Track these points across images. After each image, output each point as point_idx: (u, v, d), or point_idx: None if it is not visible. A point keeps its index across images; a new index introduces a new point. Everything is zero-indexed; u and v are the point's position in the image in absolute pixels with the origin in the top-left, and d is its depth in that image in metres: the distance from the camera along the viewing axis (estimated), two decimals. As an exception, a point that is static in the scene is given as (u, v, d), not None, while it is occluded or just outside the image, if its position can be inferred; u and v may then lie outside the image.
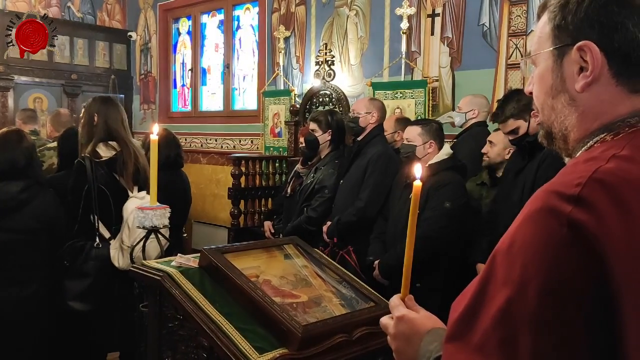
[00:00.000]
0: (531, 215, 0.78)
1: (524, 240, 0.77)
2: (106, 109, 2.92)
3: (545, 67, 0.92)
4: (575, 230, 0.72)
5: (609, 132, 0.86)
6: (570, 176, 0.79)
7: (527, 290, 0.74)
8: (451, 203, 3.08)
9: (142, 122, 7.53)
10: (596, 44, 0.85)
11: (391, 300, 1.16)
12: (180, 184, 3.81)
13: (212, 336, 1.73)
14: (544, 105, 0.94)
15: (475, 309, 0.81)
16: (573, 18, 0.87)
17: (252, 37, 6.49)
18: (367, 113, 3.75)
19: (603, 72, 0.86)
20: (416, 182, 1.17)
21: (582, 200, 0.74)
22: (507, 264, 0.78)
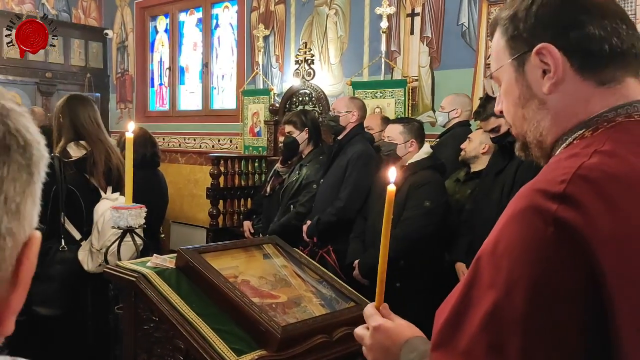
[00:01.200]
0: (516, 214, 0.77)
1: (509, 241, 0.76)
2: (72, 107, 2.85)
3: (509, 80, 0.92)
4: (562, 229, 0.71)
5: (587, 128, 0.85)
6: (554, 173, 0.78)
7: (515, 292, 0.73)
8: (431, 202, 3.07)
9: (119, 121, 7.41)
10: (553, 44, 0.85)
11: (365, 310, 1.12)
12: (157, 183, 3.75)
13: (188, 338, 1.69)
14: (515, 117, 0.93)
15: (460, 314, 0.79)
16: (525, 25, 0.88)
17: (231, 36, 6.44)
18: (347, 112, 3.74)
19: (566, 70, 0.85)
20: (390, 187, 1.13)
21: (568, 197, 0.73)
22: (492, 266, 0.77)
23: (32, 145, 0.52)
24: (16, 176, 0.50)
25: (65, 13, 7.60)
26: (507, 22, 0.91)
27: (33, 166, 0.53)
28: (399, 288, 2.90)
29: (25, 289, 0.54)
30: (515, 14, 0.89)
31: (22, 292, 0.54)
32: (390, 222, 1.16)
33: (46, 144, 0.57)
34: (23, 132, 0.50)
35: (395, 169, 1.17)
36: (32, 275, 0.54)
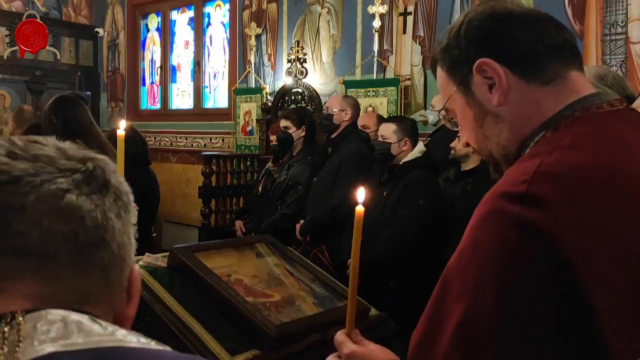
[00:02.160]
0: (479, 221, 0.76)
1: (474, 248, 0.74)
2: (64, 107, 2.82)
3: (462, 106, 0.92)
4: (526, 230, 0.70)
5: (547, 128, 0.85)
6: (514, 175, 0.77)
7: (484, 299, 0.71)
8: (425, 200, 3.07)
9: (110, 120, 7.36)
10: (490, 57, 0.86)
11: (336, 337, 1.09)
12: (147, 181, 3.72)
13: (181, 338, 1.67)
14: (478, 140, 0.93)
15: (432, 332, 0.77)
16: (459, 50, 0.90)
17: (222, 34, 6.41)
18: (341, 110, 3.73)
19: (509, 78, 0.86)
20: (358, 208, 1.08)
21: (530, 197, 0.71)
22: (459, 276, 0.75)
23: (130, 194, 0.69)
24: (126, 210, 0.67)
25: (56, 11, 7.53)
26: (442, 54, 0.93)
27: (131, 211, 0.69)
28: (392, 287, 2.90)
29: (137, 303, 0.68)
30: (448, 44, 0.91)
31: (135, 304, 0.68)
32: (359, 245, 1.10)
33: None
34: (125, 184, 0.69)
35: (365, 190, 1.10)
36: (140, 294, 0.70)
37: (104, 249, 0.63)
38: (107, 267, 0.63)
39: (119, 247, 0.64)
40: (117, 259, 0.64)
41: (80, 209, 0.61)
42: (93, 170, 0.65)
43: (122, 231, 0.65)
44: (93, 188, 0.64)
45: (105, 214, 0.63)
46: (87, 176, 0.64)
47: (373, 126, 3.91)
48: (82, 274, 0.61)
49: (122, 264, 0.65)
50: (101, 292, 0.63)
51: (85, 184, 0.63)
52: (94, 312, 0.61)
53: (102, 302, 0.64)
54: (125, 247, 0.66)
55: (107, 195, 0.65)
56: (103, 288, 0.64)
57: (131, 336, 0.60)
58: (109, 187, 0.66)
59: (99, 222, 0.63)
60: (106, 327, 0.59)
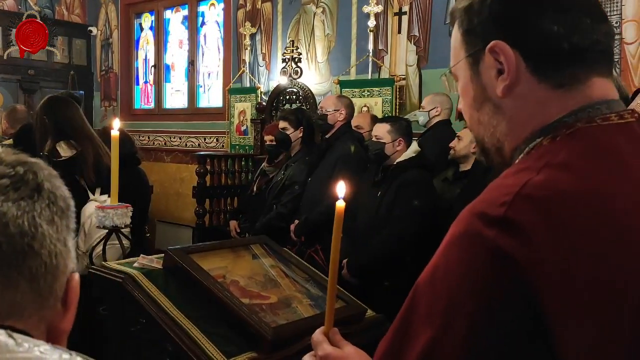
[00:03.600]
0: (454, 240, 0.71)
1: (447, 269, 0.70)
2: (56, 108, 2.80)
3: (465, 79, 0.84)
4: (500, 258, 0.65)
5: (544, 135, 0.77)
6: (496, 192, 0.71)
7: (452, 328, 0.67)
8: (419, 201, 3.07)
9: (103, 120, 7.31)
10: (506, 42, 0.77)
11: (314, 336, 1.06)
12: (138, 181, 3.69)
13: (177, 341, 1.66)
14: (471, 120, 0.86)
15: (398, 348, 0.74)
16: (479, 19, 0.80)
17: (217, 34, 6.38)
18: (335, 110, 3.73)
19: (521, 71, 0.77)
20: (339, 203, 1.07)
21: (507, 222, 0.66)
22: (430, 296, 0.71)
23: (70, 200, 0.67)
24: (62, 216, 0.65)
25: (49, 9, 7.48)
26: (462, 14, 0.83)
27: (71, 216, 0.67)
28: (387, 287, 2.89)
29: (74, 313, 0.66)
30: (471, 6, 0.81)
31: (72, 315, 0.66)
32: (339, 241, 1.08)
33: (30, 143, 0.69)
34: (63, 189, 0.67)
35: (345, 184, 1.08)
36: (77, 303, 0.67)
37: (32, 258, 0.60)
38: (36, 277, 0.60)
39: (50, 255, 0.61)
40: (48, 268, 0.61)
41: (5, 216, 0.58)
42: (23, 175, 0.63)
43: (56, 238, 0.63)
44: (22, 193, 0.61)
45: (34, 221, 0.61)
46: (16, 181, 0.62)
47: (367, 126, 3.91)
48: (7, 285, 0.58)
49: (55, 272, 0.62)
50: (29, 304, 0.60)
51: (13, 190, 0.61)
52: (18, 326, 0.58)
53: (31, 314, 0.61)
54: (59, 255, 0.63)
55: (38, 200, 0.62)
56: (32, 299, 0.60)
57: (52, 353, 0.56)
58: (42, 191, 0.63)
59: (25, 229, 0.60)
60: (22, 343, 0.55)
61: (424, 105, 3.92)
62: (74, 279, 0.66)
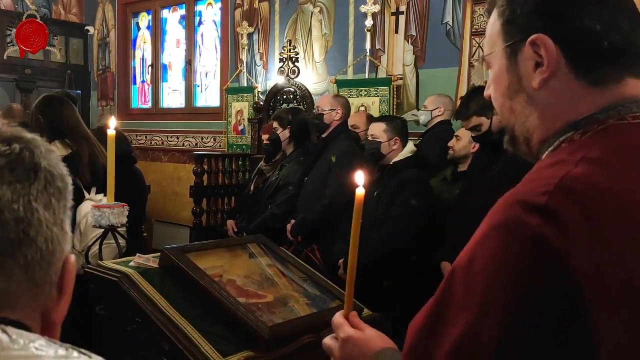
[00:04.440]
0: (493, 228, 0.72)
1: (486, 257, 0.71)
2: (52, 107, 2.79)
3: (500, 67, 0.86)
4: (541, 246, 0.67)
5: (576, 130, 0.79)
6: (536, 183, 0.72)
7: (491, 314, 0.68)
8: (417, 200, 3.07)
9: (100, 119, 7.30)
10: (549, 36, 0.79)
11: (334, 319, 1.07)
12: (134, 180, 3.68)
13: (173, 340, 1.66)
14: (503, 108, 0.88)
15: (432, 332, 0.75)
16: (522, 10, 0.81)
17: (214, 33, 6.38)
18: (331, 110, 3.72)
19: (560, 65, 0.79)
20: (359, 190, 1.09)
21: (549, 210, 0.68)
22: (467, 283, 0.72)
23: (67, 177, 0.64)
24: (59, 197, 0.61)
25: (45, 9, 7.46)
26: (505, 3, 0.84)
27: (68, 195, 0.64)
28: (386, 287, 2.90)
29: (69, 298, 0.63)
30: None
31: (67, 300, 0.63)
32: (359, 227, 1.11)
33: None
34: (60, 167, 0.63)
35: (363, 173, 1.11)
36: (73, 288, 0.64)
37: (28, 246, 0.57)
38: (31, 265, 0.57)
39: (46, 241, 0.58)
40: (44, 255, 0.58)
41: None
42: (20, 153, 0.58)
43: (52, 222, 0.59)
44: (18, 175, 0.57)
45: (29, 205, 0.57)
46: (12, 160, 0.57)
47: (363, 126, 3.91)
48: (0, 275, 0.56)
49: (51, 258, 0.59)
50: (24, 293, 0.57)
51: (8, 170, 0.57)
52: (12, 317, 0.56)
53: (25, 303, 0.58)
54: (55, 240, 0.59)
55: (35, 182, 0.58)
56: (27, 288, 0.57)
57: (48, 349, 0.54)
58: (38, 171, 0.59)
59: (20, 215, 0.56)
60: (17, 339, 0.53)
61: (427, 105, 3.93)
62: (70, 262, 0.63)
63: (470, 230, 2.72)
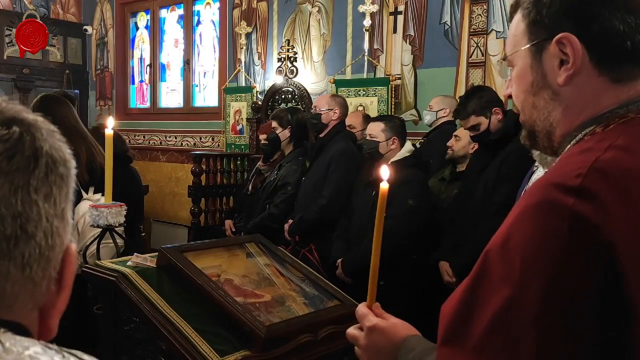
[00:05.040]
0: (529, 209, 0.76)
1: (523, 235, 0.74)
2: (49, 106, 2.79)
3: (524, 65, 0.90)
4: (579, 223, 0.70)
5: (597, 124, 0.84)
6: (569, 167, 0.77)
7: (530, 289, 0.71)
8: (414, 200, 3.07)
9: (98, 119, 7.29)
10: (574, 35, 0.83)
11: (358, 309, 1.11)
12: (131, 180, 3.68)
13: (170, 339, 1.66)
14: (525, 104, 0.92)
15: (469, 310, 0.78)
16: (548, 11, 0.86)
17: (212, 33, 6.38)
18: (329, 110, 3.73)
19: (584, 63, 0.84)
20: (383, 185, 1.13)
21: (584, 191, 0.72)
22: (504, 262, 0.75)
23: (70, 162, 0.59)
24: (61, 185, 0.57)
25: (43, 8, 7.46)
26: (530, 5, 0.88)
27: (70, 181, 0.59)
28: (382, 286, 2.89)
29: (69, 291, 0.59)
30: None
31: (67, 294, 0.59)
32: (382, 220, 1.14)
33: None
34: (63, 149, 0.58)
35: (388, 167, 1.17)
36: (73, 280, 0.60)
37: (25, 243, 0.53)
38: (29, 263, 0.53)
39: (46, 235, 0.54)
40: (42, 250, 0.54)
41: None
42: (20, 137, 0.53)
43: (53, 214, 0.55)
44: (17, 163, 0.52)
45: (28, 198, 0.52)
46: (11, 147, 0.52)
47: (359, 126, 3.91)
48: None
49: (50, 253, 0.55)
50: (20, 293, 0.54)
51: (6, 159, 0.52)
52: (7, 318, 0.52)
53: (22, 303, 0.55)
54: (55, 234, 0.55)
55: (35, 170, 0.53)
56: (23, 287, 0.54)
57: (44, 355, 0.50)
58: (39, 158, 0.54)
59: (18, 210, 0.52)
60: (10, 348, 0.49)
61: (432, 105, 3.93)
62: (70, 254, 0.59)
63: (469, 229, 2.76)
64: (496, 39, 4.21)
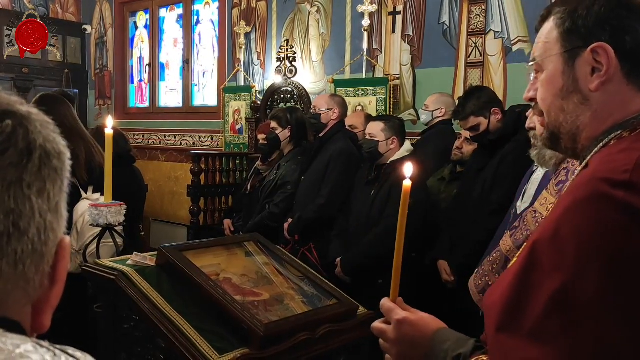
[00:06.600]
0: (578, 202, 0.80)
1: (575, 226, 0.78)
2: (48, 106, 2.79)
3: (554, 71, 0.95)
4: (631, 214, 0.75)
5: (624, 129, 0.89)
6: (614, 164, 0.81)
7: (588, 273, 0.75)
8: (413, 200, 3.08)
9: (98, 118, 7.30)
10: (610, 44, 0.89)
11: (383, 304, 1.13)
12: (132, 180, 3.69)
13: (169, 337, 1.67)
14: (552, 107, 0.96)
15: (521, 298, 0.81)
16: (584, 22, 0.91)
17: (212, 32, 6.38)
18: (328, 109, 3.74)
19: (616, 72, 0.90)
20: (406, 182, 1.15)
21: (633, 184, 0.77)
22: (555, 251, 0.79)
23: (64, 154, 0.58)
24: (55, 178, 0.55)
25: (43, 7, 7.46)
26: (565, 15, 0.94)
27: (65, 174, 0.58)
28: (381, 284, 2.91)
29: (62, 286, 0.58)
30: (576, 9, 0.93)
31: (60, 288, 0.58)
32: (405, 216, 1.17)
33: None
34: (57, 141, 0.57)
35: (412, 164, 1.19)
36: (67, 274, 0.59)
37: (17, 240, 0.52)
38: (22, 260, 0.52)
39: (39, 231, 0.53)
40: (35, 246, 0.53)
41: None
42: (13, 131, 0.52)
43: (46, 209, 0.54)
44: (10, 157, 0.51)
45: (21, 194, 0.51)
46: (4, 141, 0.51)
47: (361, 126, 3.91)
48: None
49: (43, 249, 0.54)
50: (12, 289, 0.53)
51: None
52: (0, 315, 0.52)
53: (14, 300, 0.54)
54: (48, 229, 0.54)
55: (28, 165, 0.52)
56: (15, 284, 0.53)
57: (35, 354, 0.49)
58: (33, 152, 0.53)
59: (11, 206, 0.51)
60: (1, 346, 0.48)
61: (428, 104, 3.89)
62: (63, 247, 0.58)
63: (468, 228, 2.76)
64: (494, 39, 4.22)
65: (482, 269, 2.16)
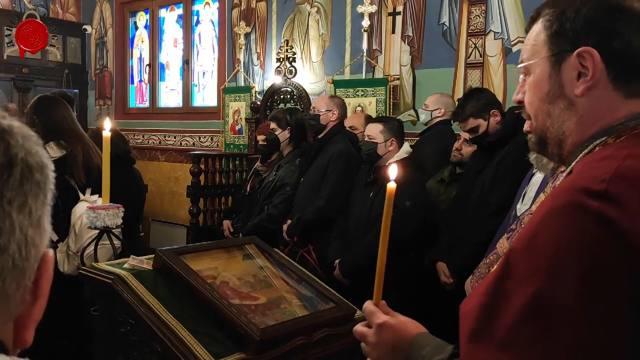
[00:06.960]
0: (555, 211, 0.79)
1: (551, 234, 0.77)
2: (47, 108, 2.79)
3: (541, 74, 0.93)
4: (605, 226, 0.74)
5: (609, 135, 0.87)
6: (592, 173, 0.80)
7: (563, 281, 0.74)
8: (411, 201, 3.08)
9: (98, 118, 7.30)
10: (596, 50, 0.87)
11: (366, 307, 1.12)
12: (131, 181, 3.69)
13: (165, 341, 1.67)
14: (539, 111, 0.94)
15: (493, 307, 0.80)
16: (572, 25, 0.89)
17: (212, 33, 6.38)
18: (327, 110, 3.73)
19: (602, 77, 0.87)
20: (390, 184, 1.15)
21: (609, 195, 0.75)
22: (530, 258, 0.78)
23: (47, 167, 0.57)
24: (37, 192, 0.54)
25: (43, 8, 7.46)
26: (553, 17, 0.91)
27: (48, 187, 0.57)
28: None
29: (45, 301, 0.58)
30: (564, 12, 0.90)
31: (42, 303, 0.57)
32: (389, 218, 1.16)
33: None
34: (40, 154, 0.56)
35: (397, 166, 1.19)
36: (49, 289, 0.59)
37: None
38: (2, 276, 0.51)
39: (20, 248, 0.52)
40: (16, 262, 0.52)
41: None
42: None
43: (27, 224, 0.53)
44: None
45: (1, 210, 0.50)
46: None
47: (361, 127, 3.90)
48: None
49: (24, 264, 0.53)
50: None
51: None
52: None
53: None
54: (30, 244, 0.53)
55: (9, 179, 0.51)
56: None
57: None
58: (14, 167, 0.52)
59: None
60: None
61: (427, 104, 3.88)
62: (46, 262, 0.57)
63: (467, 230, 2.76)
64: (494, 40, 4.22)
65: (479, 271, 2.15)
